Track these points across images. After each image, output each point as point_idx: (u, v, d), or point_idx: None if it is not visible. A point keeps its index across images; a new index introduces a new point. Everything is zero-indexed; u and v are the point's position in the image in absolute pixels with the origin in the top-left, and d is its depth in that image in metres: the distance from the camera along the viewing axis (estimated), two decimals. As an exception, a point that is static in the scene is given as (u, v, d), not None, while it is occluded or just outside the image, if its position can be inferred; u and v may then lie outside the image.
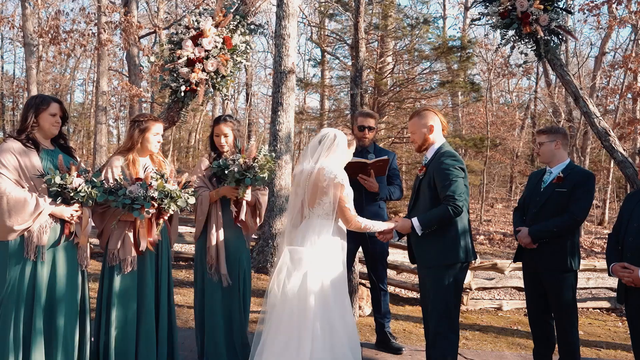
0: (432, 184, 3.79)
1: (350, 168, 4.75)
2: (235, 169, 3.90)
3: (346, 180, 3.77)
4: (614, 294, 7.42)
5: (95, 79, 17.76)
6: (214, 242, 4.17)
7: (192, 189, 3.85)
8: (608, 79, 21.18)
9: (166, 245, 4.05)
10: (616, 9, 15.88)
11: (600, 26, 17.64)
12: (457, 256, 3.76)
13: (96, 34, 15.00)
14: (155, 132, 3.99)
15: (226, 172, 3.98)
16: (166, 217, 3.87)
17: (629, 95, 18.72)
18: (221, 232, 4.20)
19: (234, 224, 4.21)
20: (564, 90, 23.27)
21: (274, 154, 4.10)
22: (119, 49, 17.79)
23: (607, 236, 15.20)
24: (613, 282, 7.47)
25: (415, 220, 3.77)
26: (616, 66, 16.26)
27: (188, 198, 3.75)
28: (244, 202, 4.15)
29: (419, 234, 3.77)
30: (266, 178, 3.98)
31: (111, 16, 15.12)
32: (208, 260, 4.19)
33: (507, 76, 23.72)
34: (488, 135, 18.57)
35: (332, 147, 3.82)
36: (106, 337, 3.80)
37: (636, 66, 16.23)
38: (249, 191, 4.10)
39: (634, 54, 15.70)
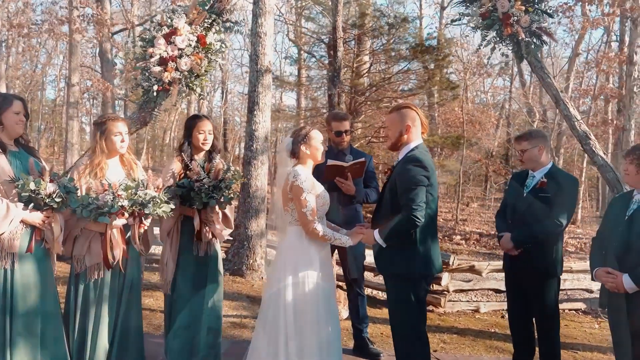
0: (394, 189, 3.60)
1: (327, 171, 4.68)
2: (203, 195, 3.88)
3: (307, 184, 3.66)
4: (589, 295, 7.45)
5: (67, 75, 17.39)
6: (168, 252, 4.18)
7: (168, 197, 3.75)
8: (580, 80, 21.46)
9: (135, 254, 3.92)
10: (589, 10, 16.11)
11: (573, 28, 17.85)
12: (412, 268, 3.56)
13: (67, 27, 14.71)
14: (117, 132, 3.82)
15: (192, 194, 3.93)
16: (146, 226, 3.78)
17: (602, 97, 19.04)
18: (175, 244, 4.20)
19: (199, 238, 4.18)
20: (538, 90, 23.62)
21: (239, 171, 4.11)
22: (92, 45, 17.47)
23: (580, 235, 15.47)
24: (589, 283, 7.51)
25: (376, 234, 3.60)
26: (591, 65, 16.47)
27: (169, 205, 3.68)
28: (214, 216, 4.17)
29: (384, 247, 3.60)
30: (233, 197, 4.05)
31: (84, 11, 14.85)
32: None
33: (483, 76, 23.88)
34: (465, 135, 18.65)
35: (283, 153, 3.84)
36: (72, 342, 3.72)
37: (608, 67, 16.46)
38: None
39: (608, 53, 15.91)
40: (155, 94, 4.36)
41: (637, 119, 15.13)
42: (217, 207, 4.07)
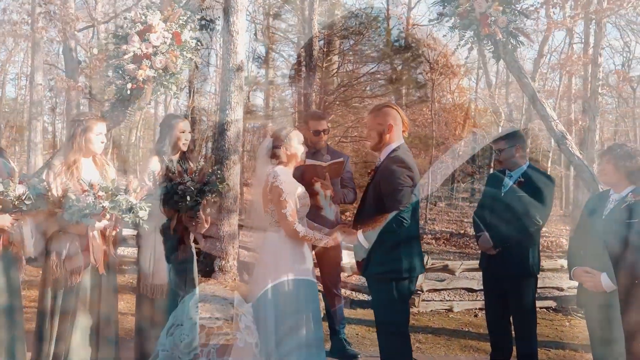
0: (377, 190, 3.58)
1: (306, 171, 4.62)
2: (188, 199, 3.79)
3: (287, 184, 3.61)
4: (559, 293, 7.54)
5: (29, 73, 16.92)
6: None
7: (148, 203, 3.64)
8: (544, 81, 21.86)
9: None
10: (553, 13, 16.36)
11: (538, 29, 18.13)
12: (398, 268, 3.55)
13: (29, 24, 14.31)
14: (98, 132, 3.75)
15: (176, 198, 3.84)
16: (119, 228, 3.68)
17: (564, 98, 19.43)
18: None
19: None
20: (504, 91, 23.98)
21: (224, 174, 4.03)
22: (55, 43, 17.01)
23: (546, 234, 15.76)
24: (559, 281, 7.61)
25: (360, 235, 3.56)
26: (555, 67, 16.76)
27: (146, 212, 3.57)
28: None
29: (367, 247, 3.57)
30: (217, 201, 4.02)
31: (47, 8, 14.43)
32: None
33: (449, 76, 24.07)
34: (434, 135, 18.80)
35: (263, 154, 3.76)
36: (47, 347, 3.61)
37: (572, 69, 16.75)
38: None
39: (572, 55, 16.21)
40: (128, 92, 4.23)
41: (600, 119, 15.48)
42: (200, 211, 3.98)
